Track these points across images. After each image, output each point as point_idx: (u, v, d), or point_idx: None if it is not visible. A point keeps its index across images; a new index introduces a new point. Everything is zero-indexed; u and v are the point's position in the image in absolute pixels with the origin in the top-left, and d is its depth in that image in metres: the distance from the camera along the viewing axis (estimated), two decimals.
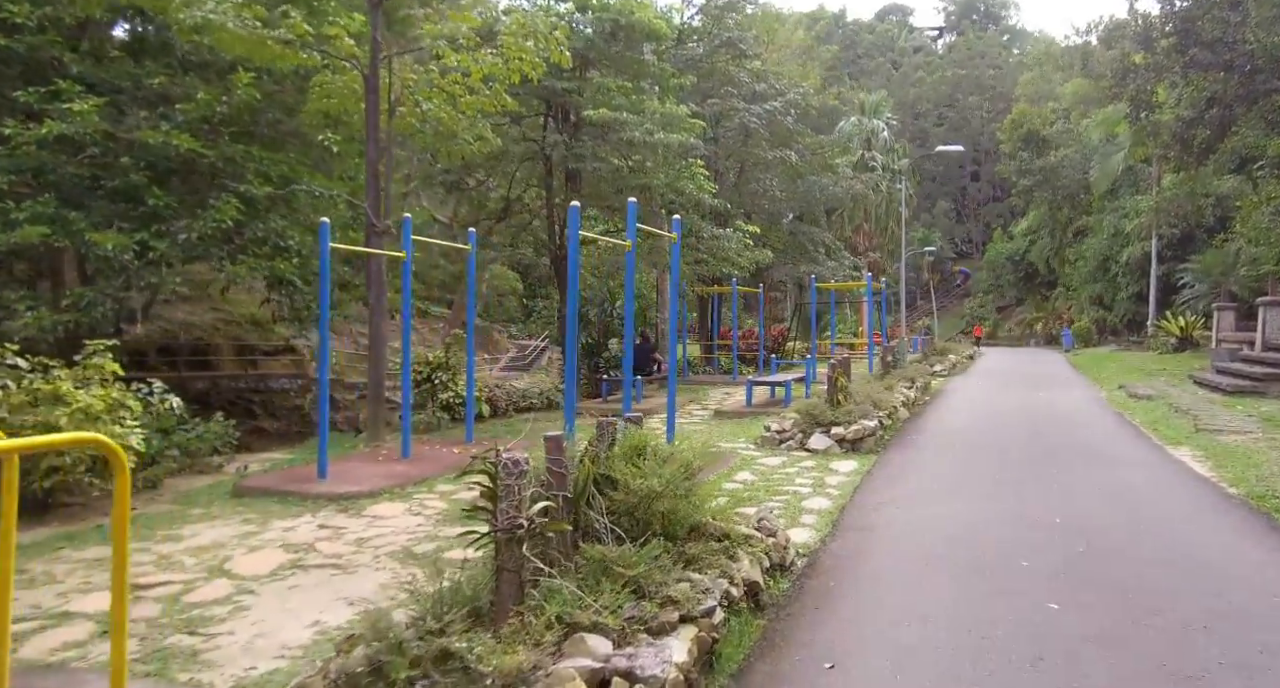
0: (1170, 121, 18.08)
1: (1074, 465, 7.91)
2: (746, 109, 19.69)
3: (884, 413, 10.40)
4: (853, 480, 7.52)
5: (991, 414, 12.19)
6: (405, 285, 9.10)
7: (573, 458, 3.80)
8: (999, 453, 8.76)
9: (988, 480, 7.34)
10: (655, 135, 12.85)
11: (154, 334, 21.08)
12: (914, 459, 8.57)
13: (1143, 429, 10.42)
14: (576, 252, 6.82)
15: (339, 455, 9.46)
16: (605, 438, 4.09)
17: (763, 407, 13.22)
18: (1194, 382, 15.52)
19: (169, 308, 22.63)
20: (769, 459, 8.77)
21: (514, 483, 3.08)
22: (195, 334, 20.71)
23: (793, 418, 9.84)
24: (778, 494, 7.00)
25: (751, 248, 16.07)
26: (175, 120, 12.14)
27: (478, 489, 3.40)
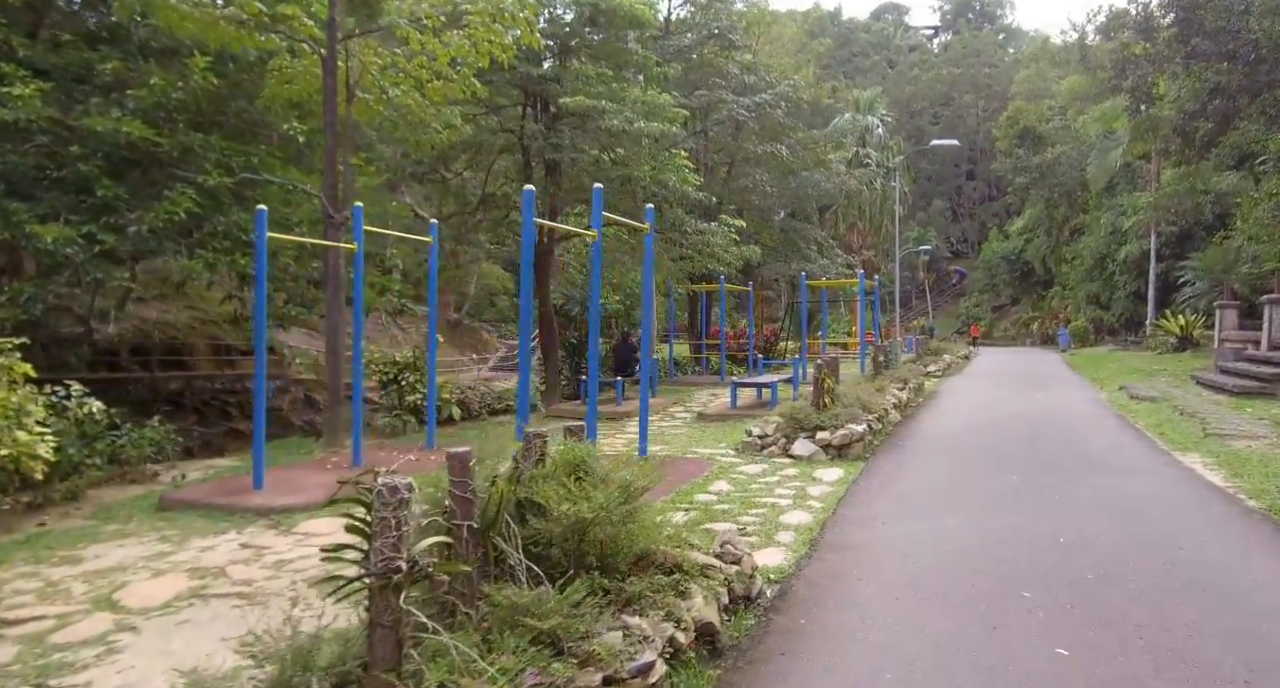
0: (1171, 114, 17.51)
1: (1077, 474, 7.30)
2: (735, 101, 19.07)
3: (874, 416, 9.78)
4: (837, 491, 6.91)
5: (987, 417, 11.59)
6: (357, 280, 8.46)
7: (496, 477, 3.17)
8: (996, 460, 8.15)
9: (984, 491, 6.73)
10: (635, 124, 12.22)
11: (127, 333, 20.37)
12: (904, 467, 7.96)
13: (1147, 433, 9.82)
14: (531, 240, 6.18)
15: (285, 463, 8.81)
16: (532, 454, 3.46)
17: (748, 409, 12.60)
18: (1197, 382, 14.95)
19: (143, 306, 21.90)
20: (749, 467, 8.15)
21: (391, 516, 2.45)
22: (170, 334, 20.00)
23: (776, 422, 9.22)
24: (754, 507, 6.39)
25: (739, 244, 15.46)
26: (127, 107, 11.50)
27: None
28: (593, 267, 7.25)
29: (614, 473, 3.58)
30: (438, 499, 3.04)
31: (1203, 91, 16.72)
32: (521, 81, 13.77)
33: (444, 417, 12.15)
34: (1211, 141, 18.10)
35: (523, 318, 6.17)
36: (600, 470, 3.67)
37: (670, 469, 8.02)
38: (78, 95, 11.78)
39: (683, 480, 7.46)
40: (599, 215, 7.19)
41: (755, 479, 7.55)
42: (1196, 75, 16.81)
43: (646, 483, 3.54)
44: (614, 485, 3.32)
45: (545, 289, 15.24)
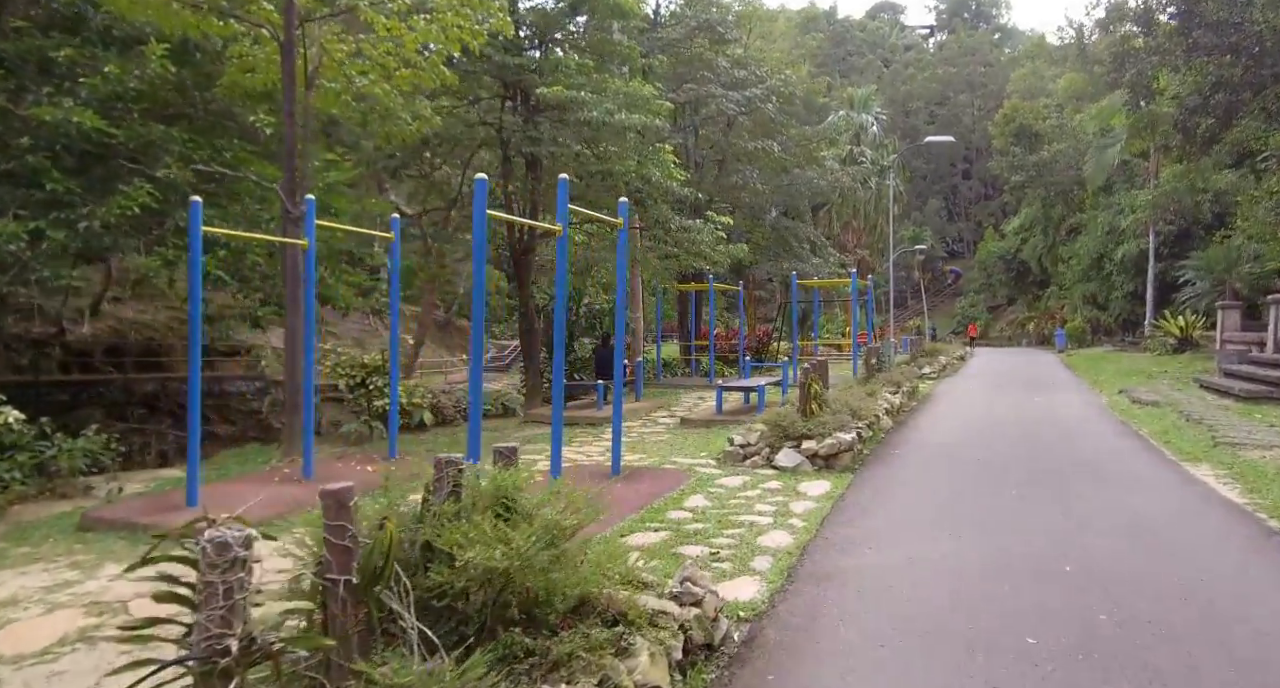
0: (1171, 110, 17.01)
1: (1081, 488, 6.77)
2: (724, 96, 18.54)
3: (864, 423, 9.25)
4: (822, 507, 6.36)
5: (984, 423, 11.06)
6: (309, 276, 7.89)
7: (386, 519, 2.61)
8: (993, 472, 7.61)
9: (981, 509, 6.19)
10: (616, 116, 11.66)
11: (102, 334, 19.73)
12: (896, 480, 7.41)
13: (1153, 441, 9.30)
14: (483, 230, 5.62)
15: (234, 474, 8.24)
16: (444, 486, 2.90)
17: (734, 414, 12.06)
18: (1200, 386, 14.44)
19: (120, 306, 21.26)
20: (729, 479, 7.60)
21: (220, 580, 1.89)
22: (147, 334, 19.39)
23: (759, 430, 8.67)
24: (731, 527, 5.84)
25: (726, 241, 14.91)
26: (79, 96, 10.92)
27: None
28: (559, 263, 6.69)
29: (544, 508, 3.03)
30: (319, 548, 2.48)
31: (1205, 85, 16.22)
32: (499, 71, 13.20)
33: (414, 422, 11.60)
34: (1213, 138, 17.61)
35: (475, 317, 5.61)
36: (529, 504, 3.11)
37: (644, 482, 7.48)
38: (29, 85, 11.20)
39: (657, 494, 6.91)
40: (564, 208, 6.64)
41: (735, 494, 7.00)
42: (1198, 69, 16.31)
43: (579, 521, 2.98)
44: (538, 525, 2.76)
45: (526, 288, 14.68)
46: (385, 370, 11.63)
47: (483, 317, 5.42)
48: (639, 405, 13.71)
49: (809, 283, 19.38)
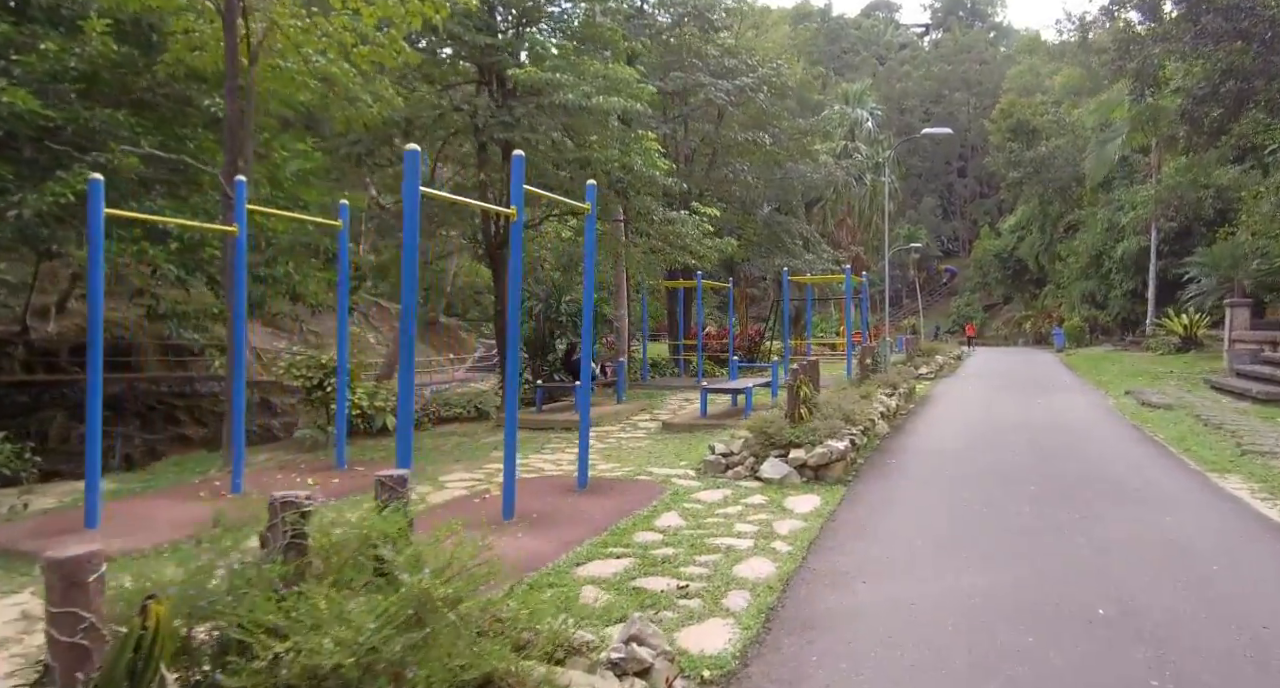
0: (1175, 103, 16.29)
1: (1100, 505, 6.02)
2: (713, 84, 17.78)
3: (858, 429, 8.49)
4: (810, 528, 5.60)
5: (986, 428, 10.32)
6: (239, 269, 7.10)
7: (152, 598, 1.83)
8: (1000, 484, 6.85)
9: (990, 530, 5.43)
10: (594, 99, 10.89)
11: (68, 332, 18.84)
12: (892, 494, 6.65)
13: (1171, 449, 8.56)
14: (414, 210, 4.84)
15: (158, 488, 7.44)
16: (276, 535, 2.12)
17: (719, 418, 11.30)
18: (1211, 387, 13.74)
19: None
20: (708, 493, 6.83)
21: None
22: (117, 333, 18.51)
23: (743, 437, 7.91)
24: (705, 552, 5.08)
25: (714, 235, 14.15)
26: (13, 75, 10.11)
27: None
28: (513, 252, 5.91)
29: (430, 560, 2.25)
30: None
31: (1214, 73, 15.51)
32: (472, 54, 12.44)
33: (376, 427, 10.81)
34: (1221, 128, 16.91)
35: (404, 309, 4.82)
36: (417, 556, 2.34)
37: (613, 497, 6.71)
38: None
39: (625, 512, 6.14)
40: (519, 189, 5.86)
41: (713, 510, 6.23)
42: (1207, 56, 15.60)
43: (457, 590, 2.20)
44: (398, 598, 1.98)
45: (503, 284, 13.88)
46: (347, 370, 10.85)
47: (413, 306, 4.64)
48: (620, 408, 12.95)
49: (801, 279, 18.65)
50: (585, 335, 7.06)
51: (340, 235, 7.92)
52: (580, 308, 17.96)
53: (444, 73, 13.47)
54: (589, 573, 4.69)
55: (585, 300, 7.02)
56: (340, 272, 8.09)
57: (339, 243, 7.99)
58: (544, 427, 11.42)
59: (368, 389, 10.92)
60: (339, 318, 8.19)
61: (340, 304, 8.22)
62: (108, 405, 18.54)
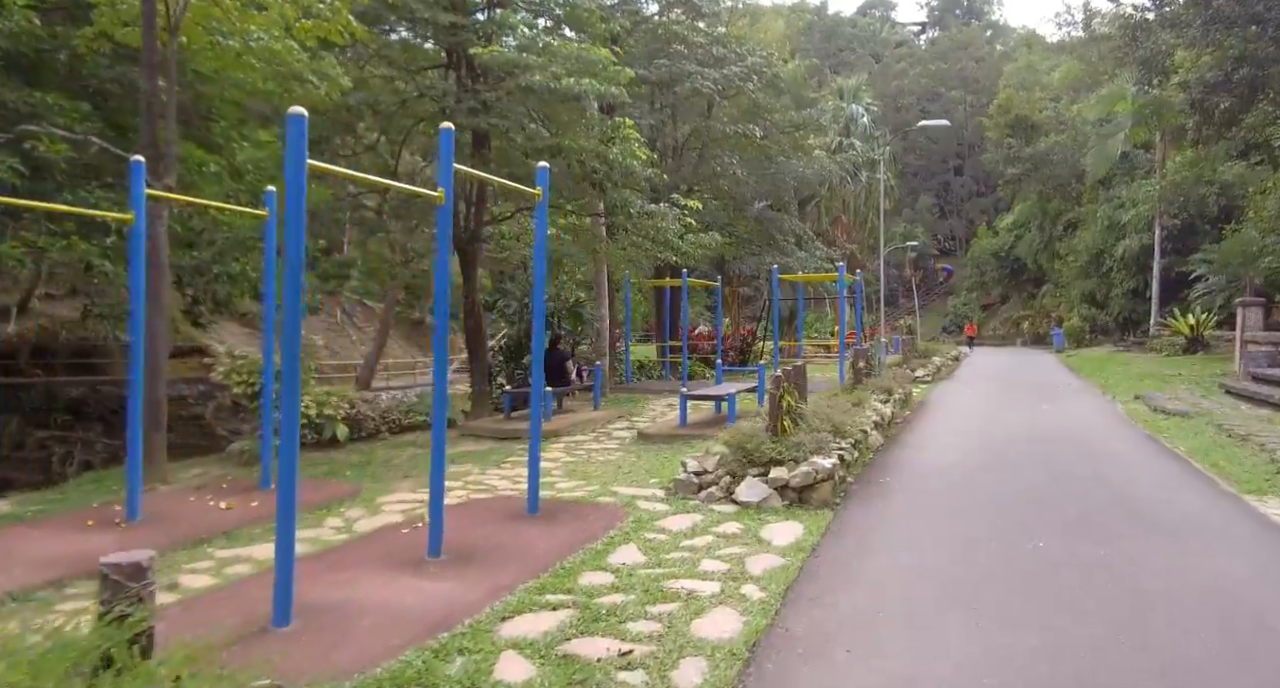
0: (1192, 84, 15.47)
1: (1127, 539, 5.17)
2: (700, 72, 16.91)
3: (848, 442, 7.64)
4: (789, 567, 4.75)
5: (989, 440, 9.47)
6: (133, 264, 6.22)
7: None
8: (1009, 511, 6.00)
9: (1000, 574, 4.58)
10: (563, 81, 10.01)
11: (29, 333, 17.91)
12: (886, 523, 5.80)
13: (1195, 464, 7.73)
14: (299, 191, 3.98)
15: (49, 514, 6.54)
16: None
17: (701, 426, 10.45)
18: (1226, 391, 12.93)
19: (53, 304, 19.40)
20: (675, 520, 5.97)
21: None
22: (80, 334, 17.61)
23: (719, 453, 7.05)
24: (661, 600, 4.23)
25: (696, 230, 13.28)
26: None
27: None
28: (438, 236, 5.04)
29: None
30: None
31: (1226, 60, 14.69)
32: (436, 34, 11.56)
33: (326, 438, 9.92)
34: (1233, 119, 16.09)
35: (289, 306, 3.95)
36: None
37: (566, 525, 5.84)
38: None
39: (577, 545, 5.28)
40: (448, 168, 4.99)
41: (679, 542, 5.38)
42: (1219, 43, 14.77)
43: None
44: None
45: (472, 282, 13.02)
46: None
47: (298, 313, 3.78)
48: (597, 415, 12.07)
49: (792, 277, 17.80)
50: (536, 336, 6.19)
51: (267, 225, 7.04)
52: (561, 306, 17.14)
53: (409, 56, 12.58)
54: (515, 632, 3.83)
55: (535, 297, 6.16)
56: (266, 265, 7.19)
57: (274, 233, 7.08)
58: (510, 436, 10.54)
59: (317, 396, 10.02)
60: (264, 317, 7.28)
61: (266, 303, 7.31)
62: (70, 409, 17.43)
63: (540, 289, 6.16)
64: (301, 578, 4.43)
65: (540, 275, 6.15)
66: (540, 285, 6.16)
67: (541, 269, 6.14)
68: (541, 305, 6.18)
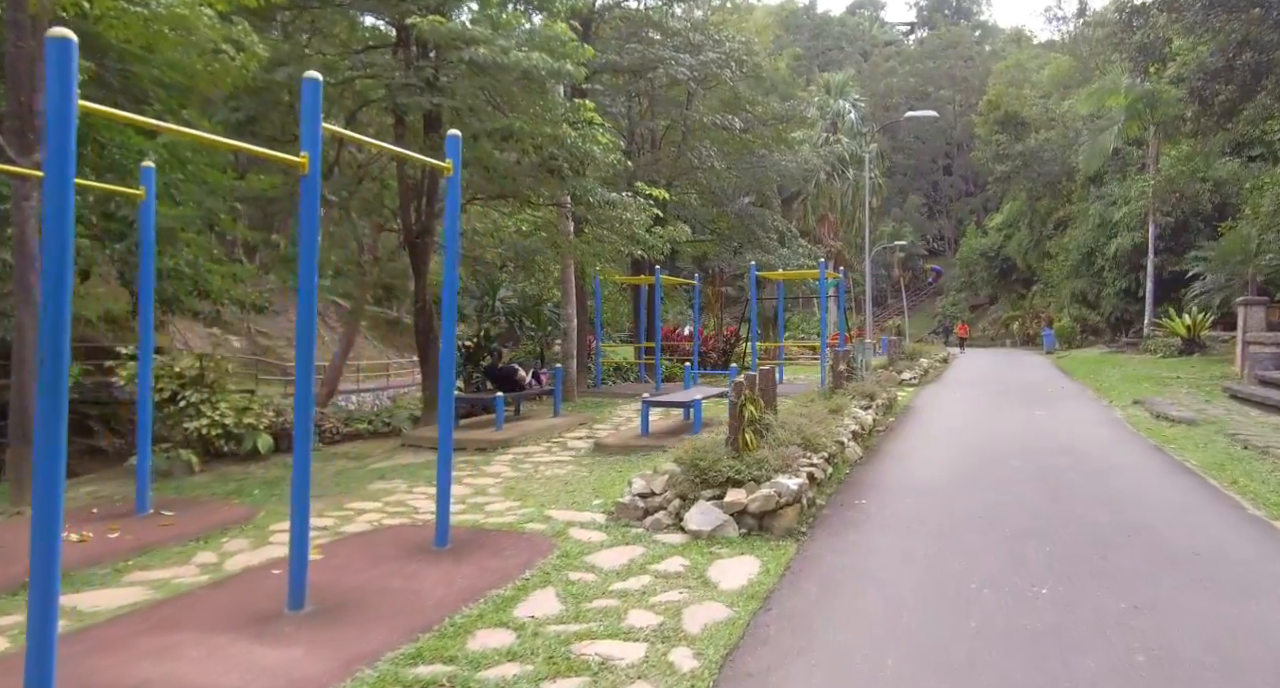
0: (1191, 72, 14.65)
1: (1147, 582, 4.27)
2: (675, 58, 15.99)
3: (821, 457, 6.72)
4: (735, 622, 3.82)
5: (979, 451, 8.57)
6: None
7: None
8: (1003, 546, 5.09)
9: (995, 634, 3.65)
10: (511, 55, 9.04)
11: None
12: (858, 560, 4.86)
13: (1210, 481, 6.84)
14: (67, 125, 3.00)
15: None
16: None
17: (666, 435, 9.51)
18: (1231, 396, 12.10)
19: None
20: (611, 554, 5.03)
21: None
22: None
23: (669, 471, 6.11)
24: (566, 672, 3.30)
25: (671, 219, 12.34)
26: None
27: None
28: (303, 222, 4.07)
29: None
30: None
31: (1229, 45, 13.88)
32: (378, 5, 10.58)
33: (246, 450, 8.92)
34: (1233, 108, 15.30)
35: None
36: None
37: (476, 562, 4.88)
38: None
39: (482, 590, 4.34)
40: (312, 127, 4.03)
41: (608, 585, 4.44)
42: (1220, 27, 13.97)
43: None
44: None
45: (422, 279, 12.03)
46: (204, 381, 8.96)
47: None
48: (556, 422, 11.12)
49: (772, 275, 16.91)
50: (447, 330, 5.22)
51: (143, 206, 6.04)
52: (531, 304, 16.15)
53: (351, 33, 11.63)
54: None
55: (447, 286, 5.20)
56: (142, 251, 6.18)
57: (143, 215, 6.07)
58: (455, 447, 9.55)
59: (235, 402, 9.03)
60: (141, 311, 6.27)
61: (142, 299, 6.29)
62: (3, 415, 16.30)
63: (451, 278, 5.20)
64: (102, 648, 3.46)
65: (452, 260, 5.19)
66: (451, 274, 5.20)
67: (454, 254, 5.17)
68: (453, 297, 5.21)
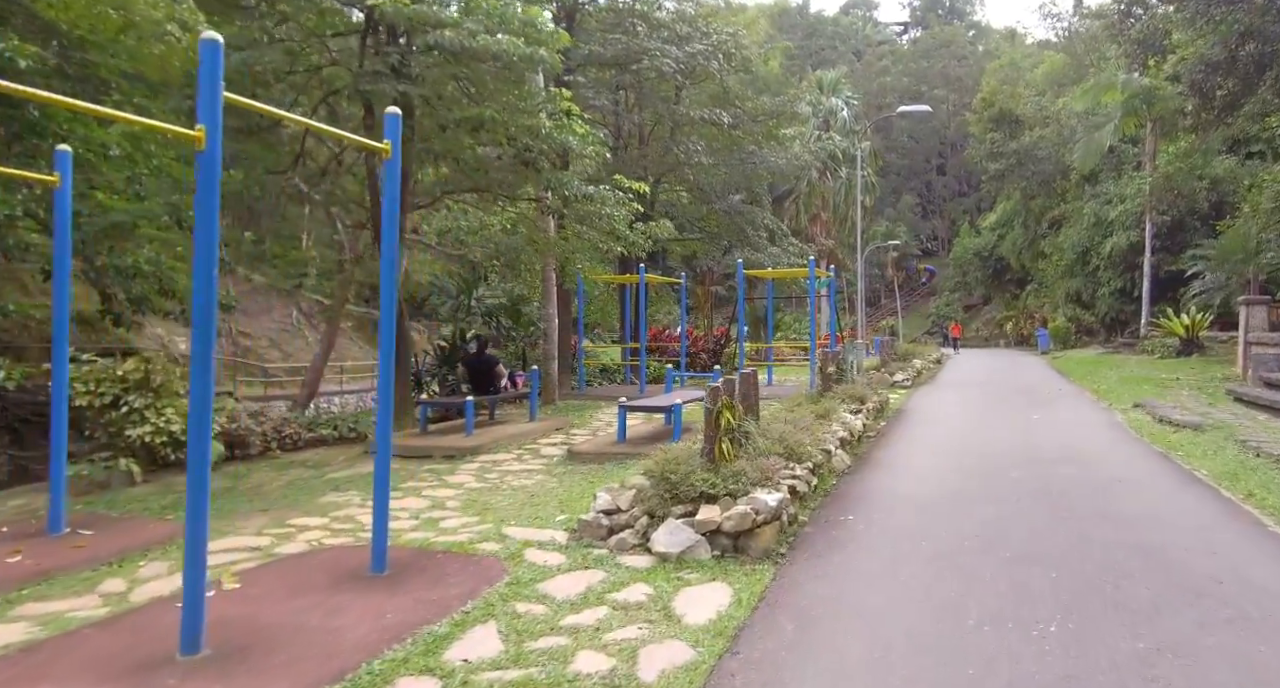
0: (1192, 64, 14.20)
1: (1172, 618, 3.76)
2: (660, 50, 15.47)
3: (805, 467, 6.21)
4: (698, 668, 3.31)
5: (976, 460, 8.06)
6: None
7: None
8: (1004, 574, 4.57)
9: (1003, 683, 3.13)
10: (478, 39, 8.51)
11: None
12: (841, 592, 4.33)
13: (1226, 493, 6.35)
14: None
15: None
16: None
17: (644, 442, 8.99)
18: (1236, 399, 11.64)
19: None
20: (566, 581, 4.50)
21: None
22: None
23: (637, 485, 5.58)
24: None
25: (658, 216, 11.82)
26: None
27: None
28: (200, 205, 3.53)
29: None
30: None
31: (1231, 37, 13.43)
32: None
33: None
34: (1233, 103, 14.86)
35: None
36: None
37: (414, 592, 4.33)
38: None
39: (412, 626, 3.81)
40: (209, 96, 3.50)
41: (559, 618, 3.91)
42: (1222, 18, 13.51)
43: None
44: None
45: None
46: (148, 386, 8.39)
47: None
48: (532, 428, 10.58)
49: (760, 273, 16.41)
50: (384, 330, 4.69)
51: (57, 194, 5.48)
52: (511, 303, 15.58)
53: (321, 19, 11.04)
54: None
55: (384, 277, 4.68)
56: (57, 246, 5.62)
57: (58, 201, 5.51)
58: (420, 455, 9.04)
59: (184, 407, 8.45)
60: (56, 307, 5.70)
61: (58, 285, 5.71)
62: None
63: (390, 271, 4.67)
64: None
65: (390, 254, 4.65)
66: (390, 268, 4.66)
67: (393, 241, 4.64)
68: (390, 293, 4.68)
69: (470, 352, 10.57)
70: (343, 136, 4.75)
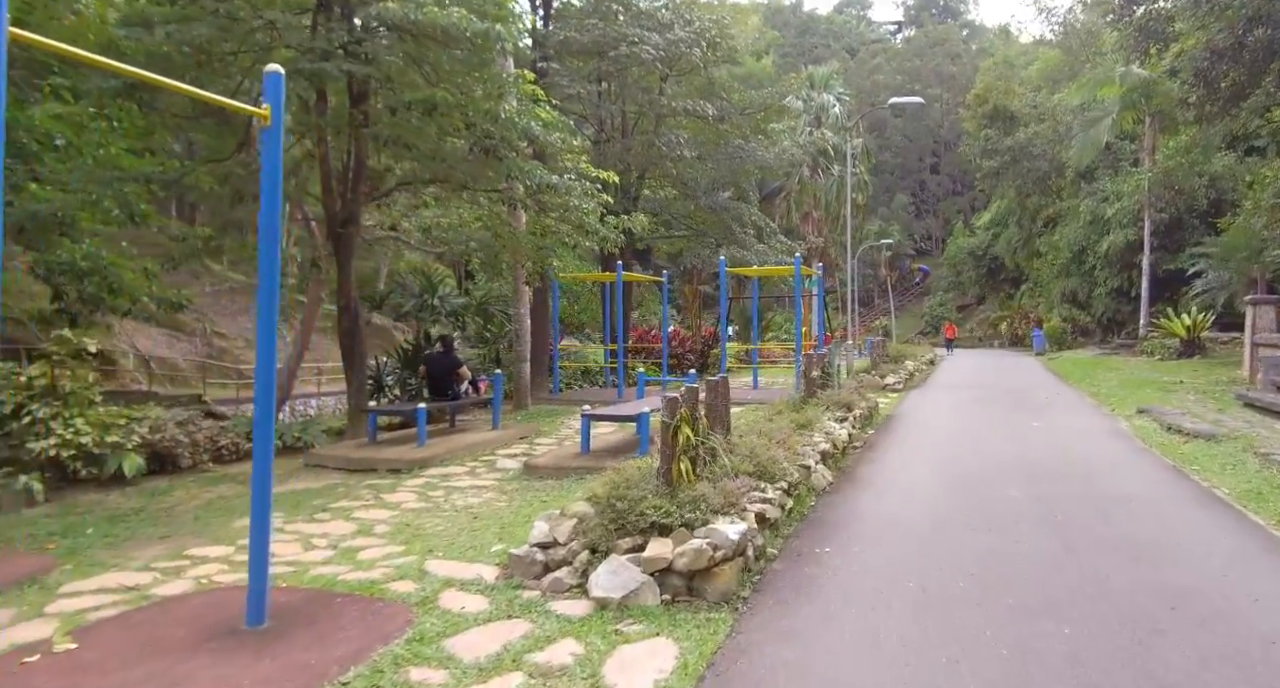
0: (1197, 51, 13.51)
1: (1198, 667, 3.00)
2: (639, 36, 14.70)
3: (777, 488, 5.45)
4: None
5: (970, 477, 7.31)
6: None
7: None
8: (1008, 625, 3.81)
9: None
10: (426, 11, 7.73)
11: None
12: (809, 654, 3.56)
13: (1252, 515, 5.62)
14: None
15: None
16: None
17: (609, 453, 8.21)
18: (1246, 404, 10.94)
19: None
20: (482, 634, 3.73)
21: None
22: None
23: (579, 513, 4.80)
24: None
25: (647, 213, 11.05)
26: None
27: None
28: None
29: None
30: None
31: (1238, 21, 12.73)
32: None
33: (109, 473, 7.54)
34: (1239, 93, 14.17)
35: None
36: None
37: (290, 654, 3.54)
38: None
39: None
40: None
41: None
42: (1230, 2, 12.82)
43: None
44: None
45: (346, 273, 10.68)
46: (55, 393, 7.58)
47: None
48: (494, 436, 9.79)
49: (745, 271, 15.67)
50: (264, 331, 3.90)
51: None
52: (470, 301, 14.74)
53: None
54: None
55: (262, 279, 3.88)
56: None
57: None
58: (363, 468, 8.25)
59: (97, 416, 7.65)
60: None
61: None
62: None
63: (269, 274, 3.87)
64: None
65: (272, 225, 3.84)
66: (268, 270, 3.86)
67: (275, 219, 3.83)
68: (271, 278, 3.89)
69: (442, 348, 9.74)
70: (217, 101, 3.97)
